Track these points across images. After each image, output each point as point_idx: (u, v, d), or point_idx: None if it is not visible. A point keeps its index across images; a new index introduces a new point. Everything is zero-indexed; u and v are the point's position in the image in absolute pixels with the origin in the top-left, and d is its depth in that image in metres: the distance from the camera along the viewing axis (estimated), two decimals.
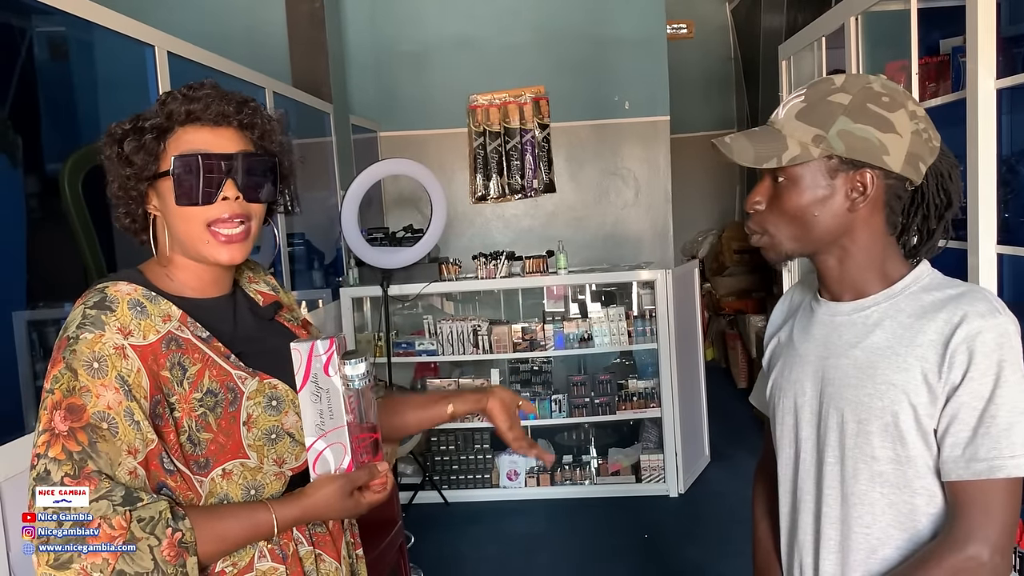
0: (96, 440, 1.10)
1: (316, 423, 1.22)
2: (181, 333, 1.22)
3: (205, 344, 1.24)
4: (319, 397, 1.21)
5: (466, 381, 4.90)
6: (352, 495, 1.24)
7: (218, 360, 1.24)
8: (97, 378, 1.12)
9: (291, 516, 1.23)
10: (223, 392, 1.23)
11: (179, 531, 1.11)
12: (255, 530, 1.21)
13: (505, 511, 4.67)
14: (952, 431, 1.13)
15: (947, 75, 2.85)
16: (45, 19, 2.40)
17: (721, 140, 1.23)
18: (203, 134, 1.25)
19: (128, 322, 1.17)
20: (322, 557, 1.35)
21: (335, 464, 1.23)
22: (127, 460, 1.12)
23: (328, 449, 1.22)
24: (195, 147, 1.24)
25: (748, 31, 7.72)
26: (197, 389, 1.21)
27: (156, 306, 1.22)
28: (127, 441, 1.12)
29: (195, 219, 1.24)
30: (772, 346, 1.42)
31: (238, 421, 1.23)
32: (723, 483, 4.83)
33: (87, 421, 1.11)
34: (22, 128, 2.32)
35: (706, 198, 8.06)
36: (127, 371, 1.14)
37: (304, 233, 4.69)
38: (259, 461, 1.25)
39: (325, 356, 1.21)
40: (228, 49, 3.63)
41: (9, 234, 2.23)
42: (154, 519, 1.09)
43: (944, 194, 1.22)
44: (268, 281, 1.50)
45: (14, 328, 2.16)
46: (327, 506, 1.23)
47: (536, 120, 5.89)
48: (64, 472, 1.08)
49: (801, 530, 1.30)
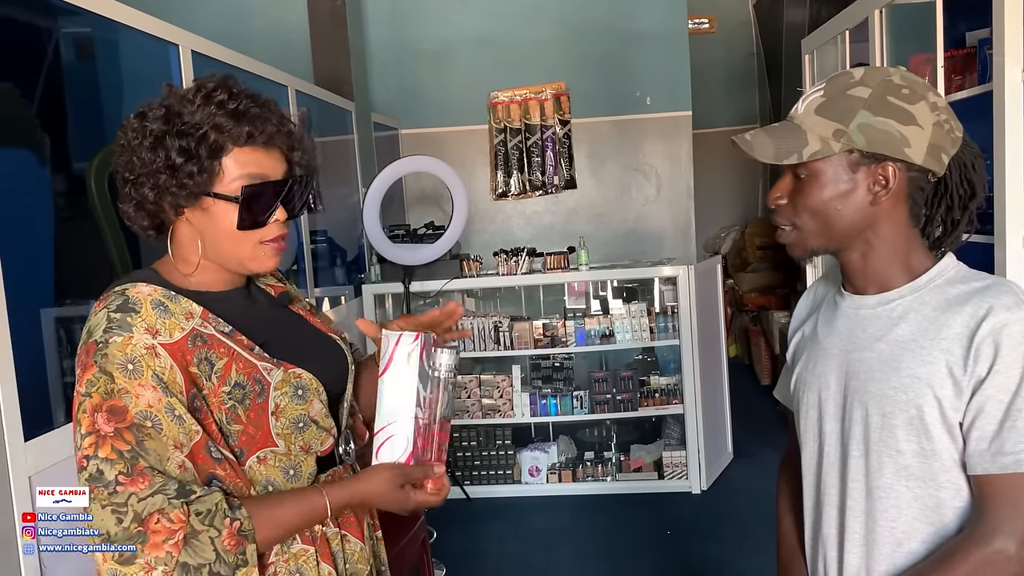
0: (143, 438, 1.12)
1: (388, 410, 1.25)
2: (204, 329, 1.23)
3: (228, 338, 1.25)
4: (396, 386, 1.25)
5: (487, 377, 4.91)
6: (403, 488, 1.26)
7: (243, 353, 1.25)
8: (134, 379, 1.14)
9: (343, 499, 1.26)
10: (251, 384, 1.24)
11: (237, 520, 1.14)
12: (311, 514, 1.24)
13: (527, 507, 4.68)
14: (978, 424, 1.12)
15: (973, 68, 2.82)
16: (71, 19, 2.43)
17: (741, 137, 1.23)
18: (258, 156, 1.27)
19: (154, 322, 1.19)
20: (347, 538, 1.37)
21: (397, 454, 1.26)
22: (175, 455, 1.14)
23: (394, 438, 1.25)
24: (252, 171, 1.26)
25: (771, 25, 7.65)
26: (225, 383, 1.22)
27: (177, 304, 1.23)
28: (172, 436, 1.14)
29: (247, 239, 1.28)
30: (796, 340, 1.42)
31: (267, 412, 1.25)
32: (746, 480, 4.80)
33: (131, 421, 1.12)
34: (49, 126, 2.35)
35: (729, 194, 8.01)
36: (161, 369, 1.16)
37: (327, 230, 4.71)
38: (287, 448, 1.27)
39: (410, 347, 1.24)
40: (250, 48, 3.65)
41: (37, 231, 2.26)
42: (211, 511, 1.12)
43: (968, 184, 1.20)
44: (273, 274, 1.51)
45: (42, 325, 2.19)
46: (377, 494, 1.26)
47: (557, 116, 5.88)
48: (118, 471, 1.10)
49: (825, 524, 1.30)
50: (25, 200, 2.21)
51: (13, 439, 1.78)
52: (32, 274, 2.20)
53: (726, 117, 7.90)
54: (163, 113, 1.24)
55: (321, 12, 4.98)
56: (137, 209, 1.28)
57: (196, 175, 1.22)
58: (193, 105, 1.23)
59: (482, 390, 4.90)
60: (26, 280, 2.02)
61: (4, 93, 2.12)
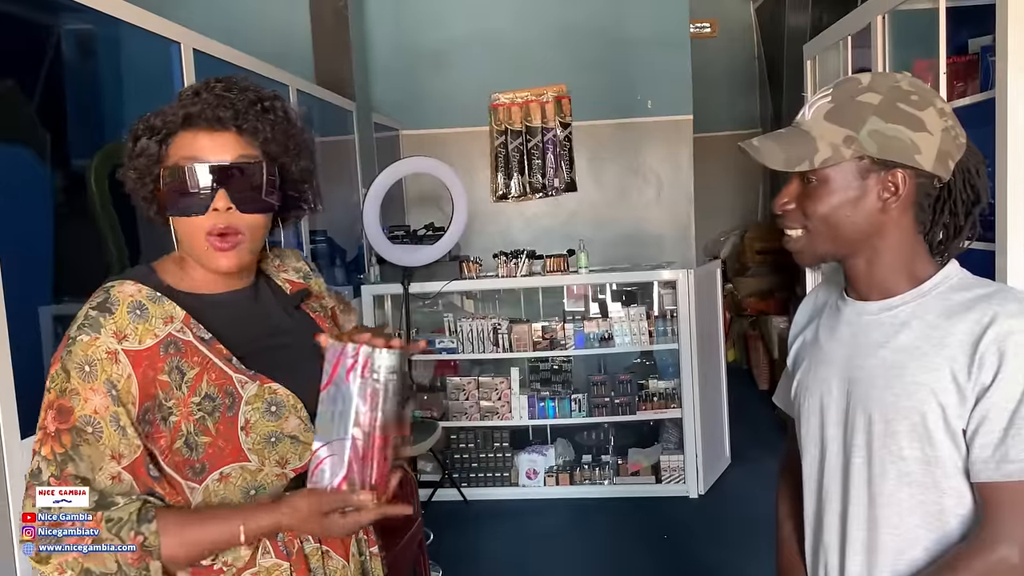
0: (79, 444, 1.12)
1: (325, 428, 1.14)
2: (182, 335, 1.20)
3: (206, 346, 1.22)
4: (335, 402, 1.13)
5: (486, 379, 4.91)
6: (328, 516, 1.15)
7: (218, 363, 1.21)
8: (87, 382, 1.13)
9: (263, 527, 1.18)
10: (221, 396, 1.20)
11: (141, 534, 1.11)
12: (223, 540, 1.17)
13: (524, 510, 4.67)
14: (982, 432, 1.11)
15: (975, 74, 2.81)
16: (73, 16, 2.43)
17: (749, 143, 1.22)
18: (201, 140, 1.21)
19: (125, 326, 1.17)
20: (329, 554, 1.31)
21: (330, 478, 1.14)
22: (109, 465, 1.13)
23: (329, 459, 1.14)
24: (191, 154, 1.20)
25: (772, 30, 7.66)
26: (195, 393, 1.19)
27: (160, 307, 1.20)
28: (111, 446, 1.13)
29: (192, 228, 1.22)
30: (797, 346, 1.41)
31: (236, 426, 1.21)
32: (743, 485, 4.80)
33: (73, 424, 1.12)
34: (49, 124, 2.35)
35: (729, 198, 8.01)
36: (117, 376, 1.14)
37: (326, 231, 4.70)
38: (260, 463, 1.23)
39: (351, 360, 1.13)
40: (253, 47, 3.65)
41: (37, 229, 2.26)
42: (122, 520, 1.11)
43: (971, 190, 1.20)
44: (299, 268, 1.48)
45: (40, 322, 2.18)
46: (300, 522, 1.17)
47: (558, 119, 5.88)
48: (50, 472, 1.11)
49: (827, 531, 1.29)
50: (24, 197, 2.20)
51: (9, 437, 1.78)
52: (30, 272, 2.20)
53: (727, 121, 7.90)
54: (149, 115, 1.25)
55: (324, 12, 4.98)
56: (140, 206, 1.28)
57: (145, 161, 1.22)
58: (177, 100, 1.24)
59: (480, 392, 4.89)
60: (24, 278, 2.01)
61: (5, 90, 2.11)
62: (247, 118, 1.23)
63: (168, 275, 1.27)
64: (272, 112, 1.27)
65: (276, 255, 1.46)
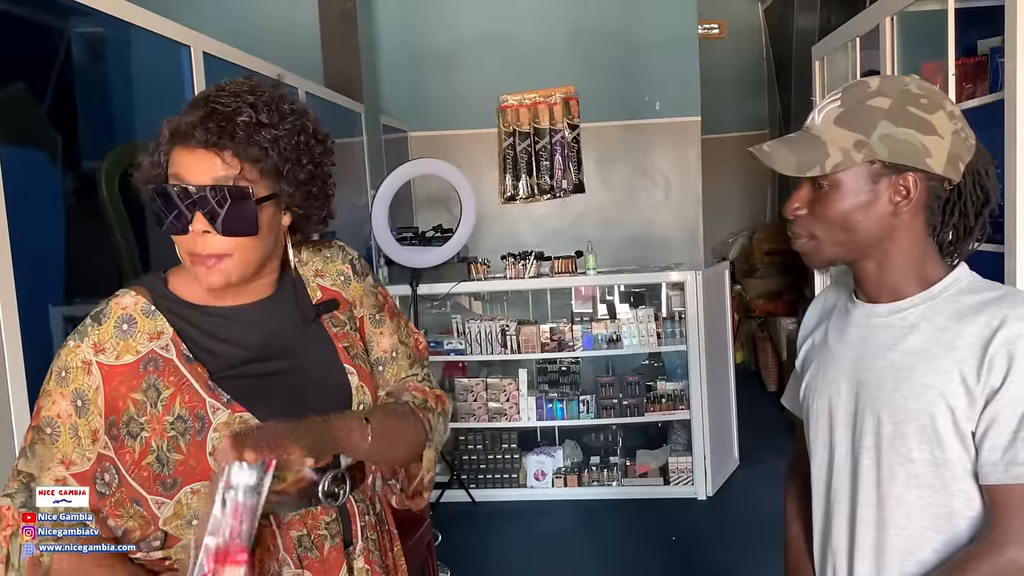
0: (36, 442, 1.16)
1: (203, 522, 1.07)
2: (165, 353, 1.19)
3: (187, 365, 1.19)
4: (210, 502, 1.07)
5: (493, 380, 4.91)
6: None
7: (195, 385, 1.19)
8: (60, 386, 1.16)
9: None
10: (191, 420, 1.18)
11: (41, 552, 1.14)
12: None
13: (532, 511, 4.67)
14: (991, 435, 1.11)
15: (984, 76, 2.81)
16: (83, 19, 2.44)
17: (759, 148, 1.22)
18: (184, 158, 1.15)
19: (106, 340, 1.17)
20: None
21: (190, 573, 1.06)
22: (57, 468, 1.15)
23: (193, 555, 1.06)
24: (174, 171, 1.16)
25: (781, 31, 7.65)
26: (169, 412, 1.17)
27: (151, 321, 1.19)
28: (64, 451, 1.15)
29: (177, 245, 1.20)
30: (806, 348, 1.41)
31: (204, 450, 1.18)
32: (752, 487, 4.79)
33: (37, 422, 1.16)
34: (61, 126, 2.36)
35: (737, 199, 8.00)
36: (87, 387, 1.16)
37: (335, 232, 4.71)
38: None
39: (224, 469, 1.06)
40: (261, 49, 3.66)
41: (49, 230, 2.27)
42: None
43: (981, 191, 1.20)
44: (342, 271, 1.42)
45: (51, 323, 2.20)
46: None
47: (566, 120, 5.88)
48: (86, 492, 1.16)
49: (835, 532, 1.29)
50: (36, 199, 2.21)
51: (22, 435, 1.79)
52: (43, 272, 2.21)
53: (735, 123, 7.89)
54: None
55: (332, 14, 4.99)
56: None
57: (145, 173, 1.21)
58: None
59: (488, 393, 4.90)
60: (37, 278, 2.03)
61: (17, 93, 2.13)
62: (234, 136, 1.15)
63: (179, 284, 1.25)
64: (268, 126, 1.18)
65: (324, 256, 1.41)
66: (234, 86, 1.20)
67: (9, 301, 1.78)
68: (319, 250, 1.41)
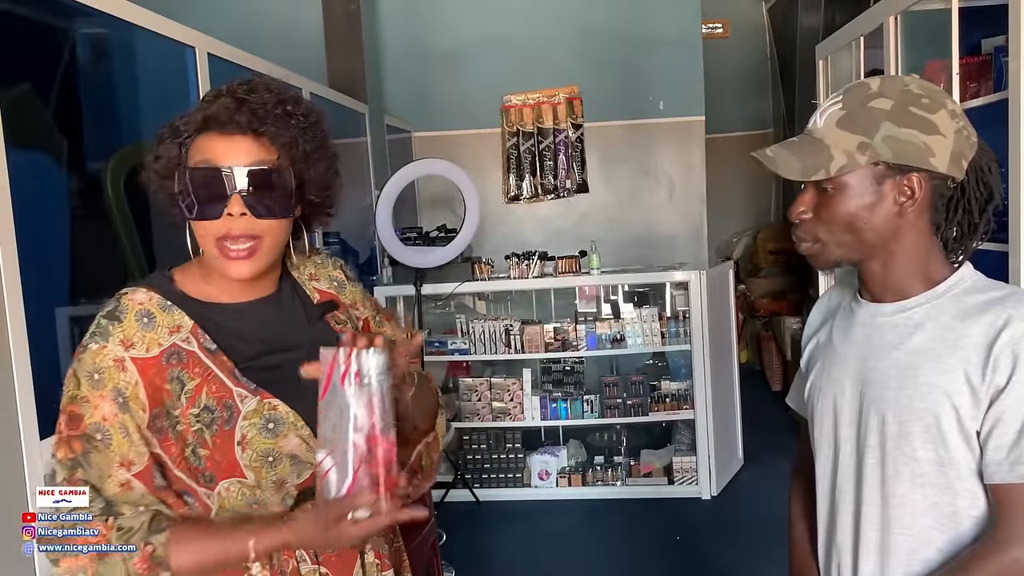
0: (90, 451, 1.13)
1: (327, 438, 1.10)
2: (187, 345, 1.20)
3: (210, 357, 1.21)
4: (332, 410, 1.09)
5: (498, 380, 4.92)
6: (338, 526, 1.08)
7: (220, 375, 1.20)
8: (96, 389, 1.14)
9: (272, 545, 1.15)
10: (219, 409, 1.19)
11: (151, 544, 1.10)
12: (229, 555, 1.14)
13: (536, 511, 4.68)
14: (996, 434, 1.11)
15: (988, 75, 2.80)
16: (88, 21, 2.45)
17: (762, 153, 1.22)
18: (217, 143, 1.19)
19: (132, 334, 1.17)
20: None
21: (336, 487, 1.10)
22: (119, 472, 1.13)
23: (333, 469, 1.10)
24: (207, 157, 1.18)
25: (785, 30, 7.64)
26: (194, 405, 1.18)
27: (168, 316, 1.20)
28: (120, 453, 1.14)
29: (206, 233, 1.20)
30: (811, 347, 1.41)
31: (232, 440, 1.19)
32: (756, 486, 4.79)
33: (83, 431, 1.13)
34: (66, 128, 2.37)
35: (741, 199, 7.99)
36: (124, 383, 1.15)
37: (339, 232, 4.72)
38: (256, 481, 1.21)
39: (343, 366, 1.08)
40: (265, 50, 3.67)
41: (54, 232, 2.28)
42: (132, 529, 1.11)
43: (985, 187, 1.20)
44: (333, 275, 1.44)
45: (57, 324, 2.21)
46: (308, 538, 1.13)
47: (570, 120, 5.88)
48: (63, 476, 1.13)
49: (840, 531, 1.29)
50: (42, 201, 2.22)
51: (29, 438, 1.80)
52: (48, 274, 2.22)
53: (739, 122, 7.89)
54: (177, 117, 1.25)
55: (336, 15, 5.00)
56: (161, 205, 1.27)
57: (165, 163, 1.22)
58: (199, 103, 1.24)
59: (492, 393, 4.90)
60: (42, 280, 2.04)
61: (22, 95, 2.13)
62: (266, 122, 1.20)
63: (186, 282, 1.26)
64: (295, 116, 1.24)
65: (314, 262, 1.43)
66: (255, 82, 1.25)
67: (16, 302, 1.79)
68: (308, 257, 1.43)
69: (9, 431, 1.77)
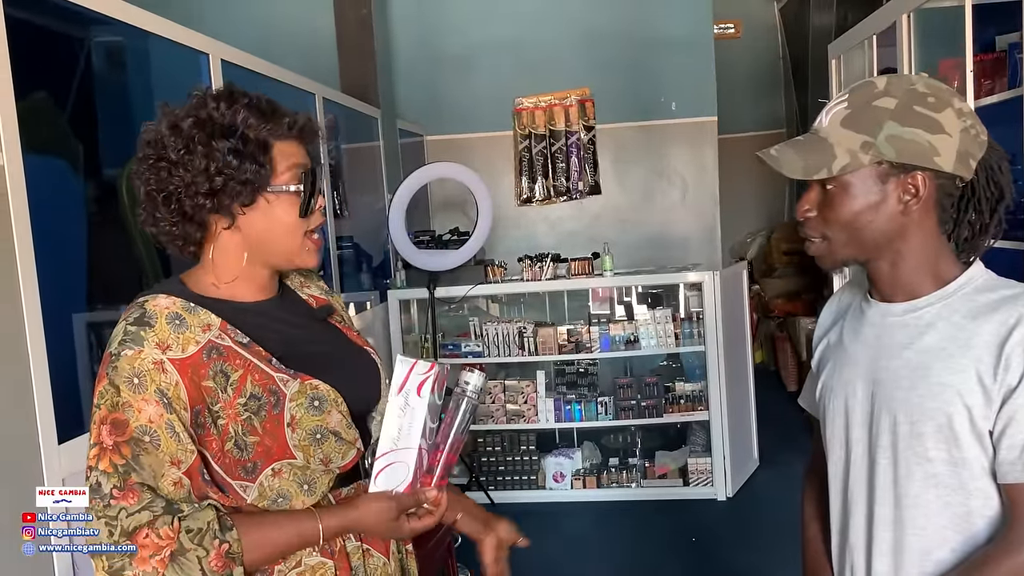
0: (139, 453, 1.14)
1: (393, 436, 1.25)
2: (221, 341, 1.23)
3: (245, 349, 1.25)
4: (404, 412, 1.24)
5: (512, 382, 4.92)
6: (398, 519, 1.27)
7: (259, 364, 1.25)
8: (138, 393, 1.15)
9: (336, 527, 1.26)
10: (266, 396, 1.24)
11: (226, 542, 1.14)
12: (301, 539, 1.24)
13: (551, 513, 4.67)
14: (1009, 433, 1.11)
15: (1003, 72, 2.79)
16: (104, 28, 2.47)
17: (767, 152, 1.22)
18: (294, 148, 1.30)
19: (167, 337, 1.19)
20: (370, 552, 1.35)
21: (396, 482, 1.26)
22: (171, 471, 1.15)
23: (395, 465, 1.25)
24: (295, 161, 1.29)
25: (797, 30, 7.61)
26: (241, 395, 1.22)
27: (195, 316, 1.23)
28: (170, 452, 1.15)
29: (298, 232, 1.30)
30: (821, 348, 1.41)
31: (282, 423, 1.24)
32: (772, 487, 4.76)
33: (130, 435, 1.14)
34: (82, 135, 2.39)
35: (754, 199, 7.97)
36: (166, 384, 1.17)
37: (352, 236, 4.75)
38: (306, 461, 1.26)
39: (423, 376, 1.24)
40: (278, 56, 3.70)
41: (71, 238, 2.30)
42: (203, 530, 1.12)
43: (995, 187, 1.20)
44: (320, 286, 1.53)
45: (74, 329, 2.23)
46: (372, 524, 1.27)
47: (582, 122, 5.88)
48: (112, 484, 1.13)
49: (853, 532, 1.29)
50: (59, 207, 2.25)
51: (47, 442, 1.82)
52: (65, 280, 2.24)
53: (752, 122, 7.87)
54: (195, 121, 1.23)
55: (348, 20, 5.02)
56: (186, 222, 1.26)
57: (258, 171, 1.24)
58: (220, 110, 1.24)
59: (506, 395, 4.90)
60: (59, 286, 2.06)
61: (38, 102, 2.16)
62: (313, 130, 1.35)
63: (198, 286, 1.29)
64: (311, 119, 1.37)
65: (301, 273, 1.50)
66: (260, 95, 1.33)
67: (33, 308, 1.81)
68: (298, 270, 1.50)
69: (28, 435, 1.79)
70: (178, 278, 1.31)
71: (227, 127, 1.23)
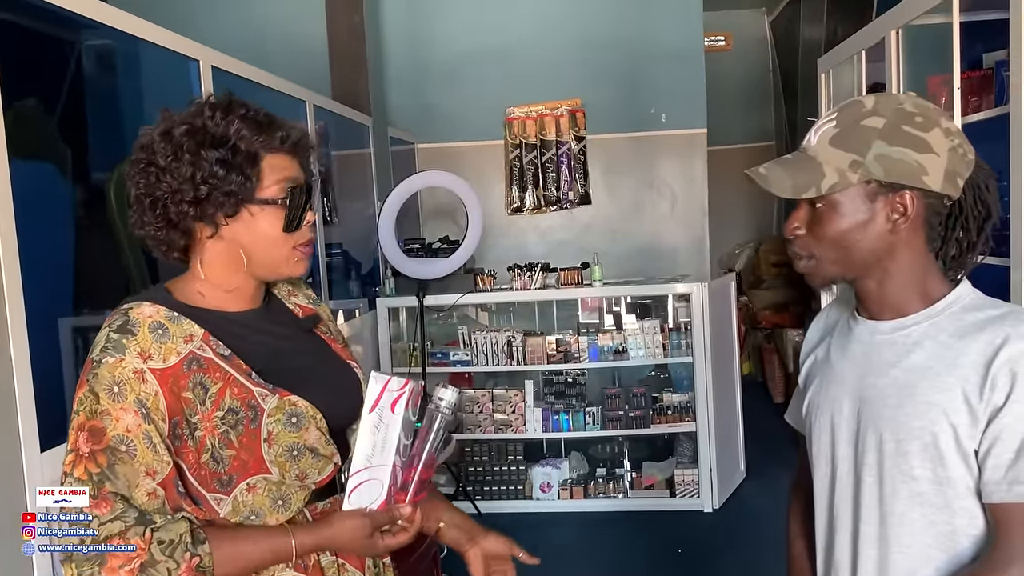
0: (115, 462, 1.13)
1: (367, 454, 1.24)
2: (203, 352, 1.23)
3: (226, 362, 1.25)
4: (378, 430, 1.23)
5: (499, 391, 4.91)
6: (372, 536, 1.25)
7: (239, 378, 1.25)
8: (117, 402, 1.15)
9: (310, 544, 1.25)
10: (244, 410, 1.23)
11: (197, 555, 1.13)
12: (274, 555, 1.23)
13: (538, 523, 4.66)
14: (994, 453, 1.11)
15: (990, 89, 2.81)
16: (93, 34, 2.47)
17: (755, 171, 1.22)
18: (286, 161, 1.30)
19: (148, 346, 1.19)
20: (344, 567, 1.35)
21: (370, 500, 1.25)
22: (145, 481, 1.14)
23: (369, 482, 1.24)
24: (285, 175, 1.29)
25: (787, 43, 7.66)
26: (219, 407, 1.22)
27: (178, 326, 1.23)
28: (145, 463, 1.15)
29: (285, 244, 1.30)
30: (808, 364, 1.41)
31: (259, 438, 1.24)
32: (758, 499, 4.77)
33: (107, 444, 1.14)
34: (71, 140, 2.38)
35: (743, 211, 7.99)
36: (145, 394, 1.16)
37: (342, 243, 4.74)
38: (281, 476, 1.26)
39: (396, 393, 1.23)
40: (269, 63, 3.69)
41: (58, 242, 2.29)
42: (174, 542, 1.12)
43: (982, 205, 1.20)
44: (308, 295, 1.52)
45: (60, 334, 2.21)
46: (347, 542, 1.26)
47: (572, 132, 5.89)
48: (90, 492, 1.13)
49: (838, 549, 1.29)
50: (46, 211, 2.23)
51: (30, 450, 1.80)
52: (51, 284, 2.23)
53: (741, 135, 7.90)
54: (188, 129, 1.23)
55: (340, 28, 5.02)
56: (170, 229, 1.27)
57: (243, 183, 1.24)
58: (215, 119, 1.24)
59: (494, 405, 4.90)
60: (45, 290, 2.04)
61: (27, 107, 2.15)
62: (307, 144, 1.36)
63: (183, 295, 1.29)
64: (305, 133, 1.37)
65: (289, 282, 1.49)
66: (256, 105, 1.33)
67: (17, 312, 1.79)
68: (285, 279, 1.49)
69: (10, 441, 1.77)
70: (163, 286, 1.31)
71: (219, 137, 1.23)
